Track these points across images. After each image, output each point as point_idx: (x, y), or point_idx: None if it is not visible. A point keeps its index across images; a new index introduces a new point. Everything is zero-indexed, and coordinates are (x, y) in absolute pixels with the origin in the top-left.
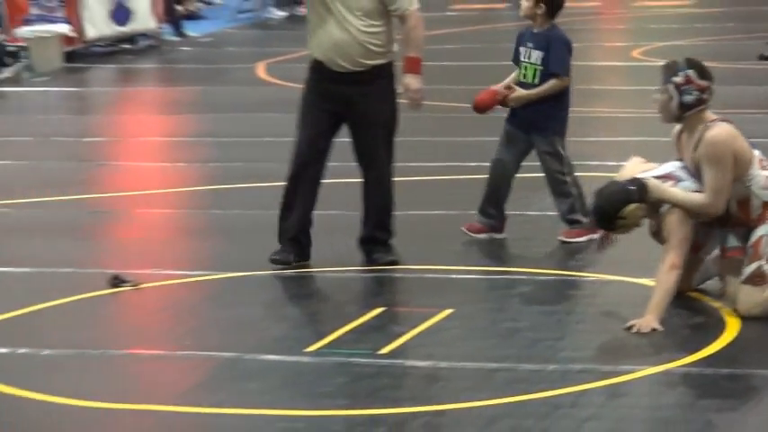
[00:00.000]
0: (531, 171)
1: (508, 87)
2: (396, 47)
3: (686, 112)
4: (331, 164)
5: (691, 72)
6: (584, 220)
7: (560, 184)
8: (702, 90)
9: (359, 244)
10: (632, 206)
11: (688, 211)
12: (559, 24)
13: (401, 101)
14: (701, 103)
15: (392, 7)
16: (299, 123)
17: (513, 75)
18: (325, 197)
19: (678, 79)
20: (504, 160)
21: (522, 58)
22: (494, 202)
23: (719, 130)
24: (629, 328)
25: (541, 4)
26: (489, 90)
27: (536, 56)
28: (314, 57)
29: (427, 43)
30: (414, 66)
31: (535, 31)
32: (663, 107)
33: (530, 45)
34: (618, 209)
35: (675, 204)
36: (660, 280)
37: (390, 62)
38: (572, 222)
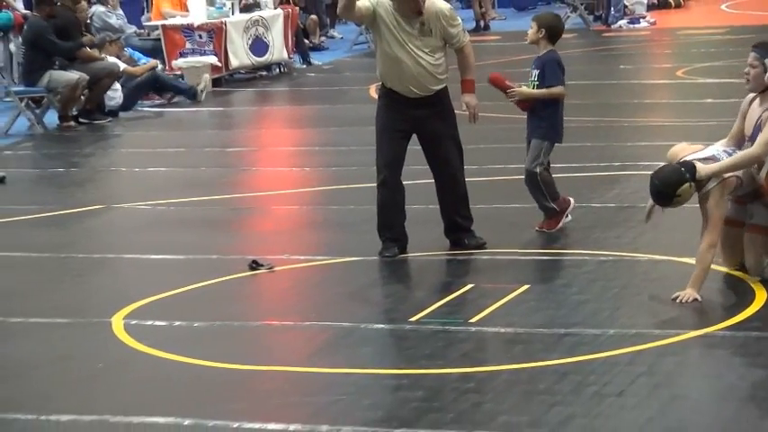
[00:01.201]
0: (591, 171)
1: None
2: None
3: None
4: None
5: None
6: (555, 205)
7: (531, 175)
8: None
9: (445, 234)
10: (686, 186)
11: (726, 188)
12: (616, 50)
13: (461, 112)
14: None
15: (453, 41)
16: (378, 145)
17: None
18: (417, 195)
19: None
20: None
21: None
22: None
23: None
24: (675, 298)
25: (542, 30)
26: (504, 76)
27: (534, 74)
28: (388, 86)
29: (507, 67)
30: (471, 86)
31: (538, 55)
32: (756, 78)
33: (532, 67)
34: (675, 188)
35: (724, 171)
36: (699, 258)
37: (446, 86)
38: (547, 211)
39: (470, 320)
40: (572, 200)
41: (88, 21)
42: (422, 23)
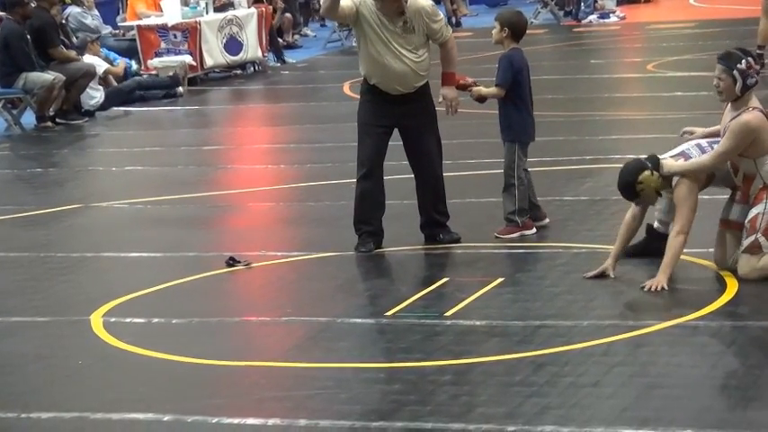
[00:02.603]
0: (564, 164)
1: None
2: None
3: (745, 92)
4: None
5: (750, 59)
6: (519, 220)
7: (508, 184)
8: (758, 73)
9: (421, 228)
10: (647, 173)
11: (695, 180)
12: (586, 45)
13: (440, 108)
14: (756, 84)
15: (436, 36)
16: (360, 140)
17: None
18: (392, 190)
19: (742, 66)
20: None
21: None
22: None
23: (754, 116)
24: (642, 287)
25: (505, 29)
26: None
27: (496, 73)
28: (371, 83)
29: (480, 63)
30: (451, 79)
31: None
32: (727, 89)
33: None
34: (636, 175)
35: (684, 173)
36: (669, 245)
37: (428, 81)
38: (509, 221)
39: (446, 314)
40: (535, 229)
41: (63, 21)
42: (405, 22)
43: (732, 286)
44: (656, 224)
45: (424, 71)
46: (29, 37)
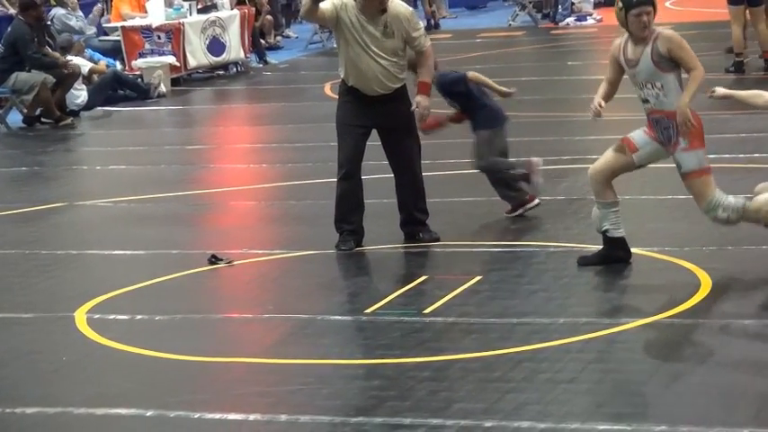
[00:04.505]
0: (543, 164)
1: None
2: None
3: None
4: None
5: None
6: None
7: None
8: None
9: (401, 226)
10: None
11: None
12: (564, 47)
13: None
14: None
15: (414, 44)
16: (339, 140)
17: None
18: (372, 189)
19: None
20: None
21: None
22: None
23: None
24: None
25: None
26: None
27: (447, 101)
28: (350, 83)
29: (459, 64)
30: (425, 88)
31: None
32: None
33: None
34: None
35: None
36: (695, 76)
37: (404, 84)
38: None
39: (425, 311)
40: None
41: (48, 23)
42: (385, 26)
43: (706, 284)
44: (603, 226)
45: (401, 74)
46: (36, 39)
